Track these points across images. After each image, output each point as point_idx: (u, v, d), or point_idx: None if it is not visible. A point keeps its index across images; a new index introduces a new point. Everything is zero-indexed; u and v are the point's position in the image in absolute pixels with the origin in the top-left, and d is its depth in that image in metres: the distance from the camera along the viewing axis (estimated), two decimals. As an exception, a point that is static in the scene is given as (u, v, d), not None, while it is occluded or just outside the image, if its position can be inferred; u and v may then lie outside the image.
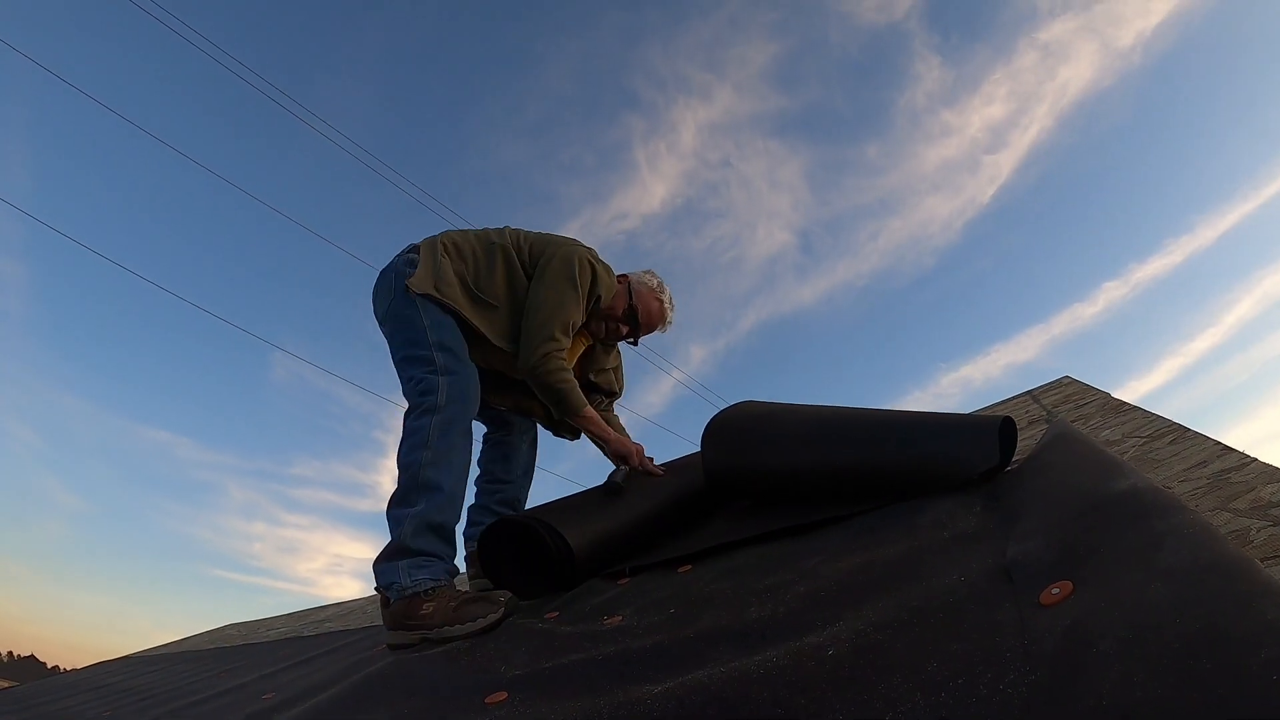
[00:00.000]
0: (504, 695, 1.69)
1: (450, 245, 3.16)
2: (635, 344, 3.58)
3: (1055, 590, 1.13)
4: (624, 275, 3.49)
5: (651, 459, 3.26)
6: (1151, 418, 2.71)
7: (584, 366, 3.54)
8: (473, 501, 3.50)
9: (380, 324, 3.12)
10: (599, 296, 3.23)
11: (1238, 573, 0.92)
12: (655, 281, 3.52)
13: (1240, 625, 0.81)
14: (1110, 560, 1.14)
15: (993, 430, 2.16)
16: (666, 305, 3.53)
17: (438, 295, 2.96)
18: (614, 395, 3.75)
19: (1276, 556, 1.22)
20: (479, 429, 3.57)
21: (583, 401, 3.12)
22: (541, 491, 3.68)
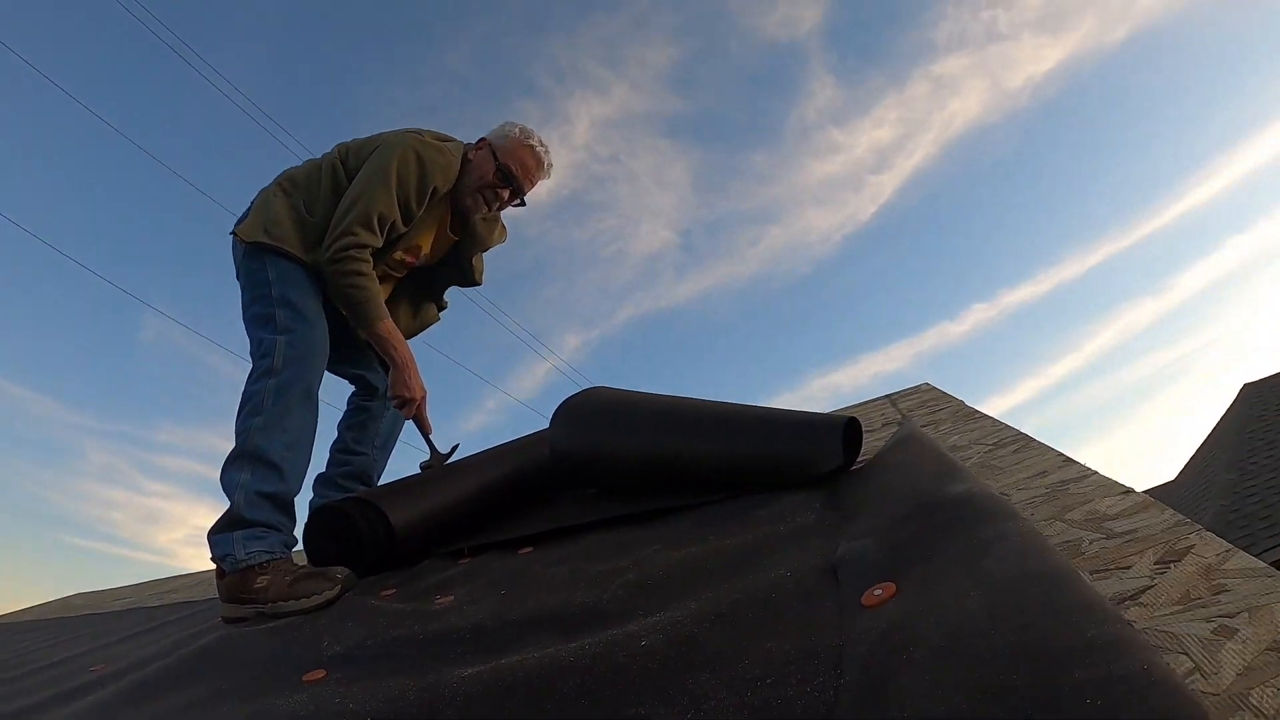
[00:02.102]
0: (322, 673, 1.66)
1: (287, 180, 2.96)
2: (523, 204, 3.18)
3: (878, 591, 1.11)
4: (482, 139, 3.11)
5: (428, 420, 3.08)
6: (999, 426, 2.75)
7: (467, 249, 3.21)
8: (321, 471, 3.27)
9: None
10: (434, 187, 2.89)
11: (1061, 584, 0.91)
12: (517, 130, 3.12)
13: (1056, 640, 0.78)
14: (936, 564, 1.12)
15: (837, 430, 2.17)
16: (538, 147, 3.11)
17: (267, 240, 2.77)
18: (472, 285, 3.38)
19: (1106, 570, 1.21)
20: (344, 388, 3.38)
21: (381, 313, 2.85)
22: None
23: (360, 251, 2.75)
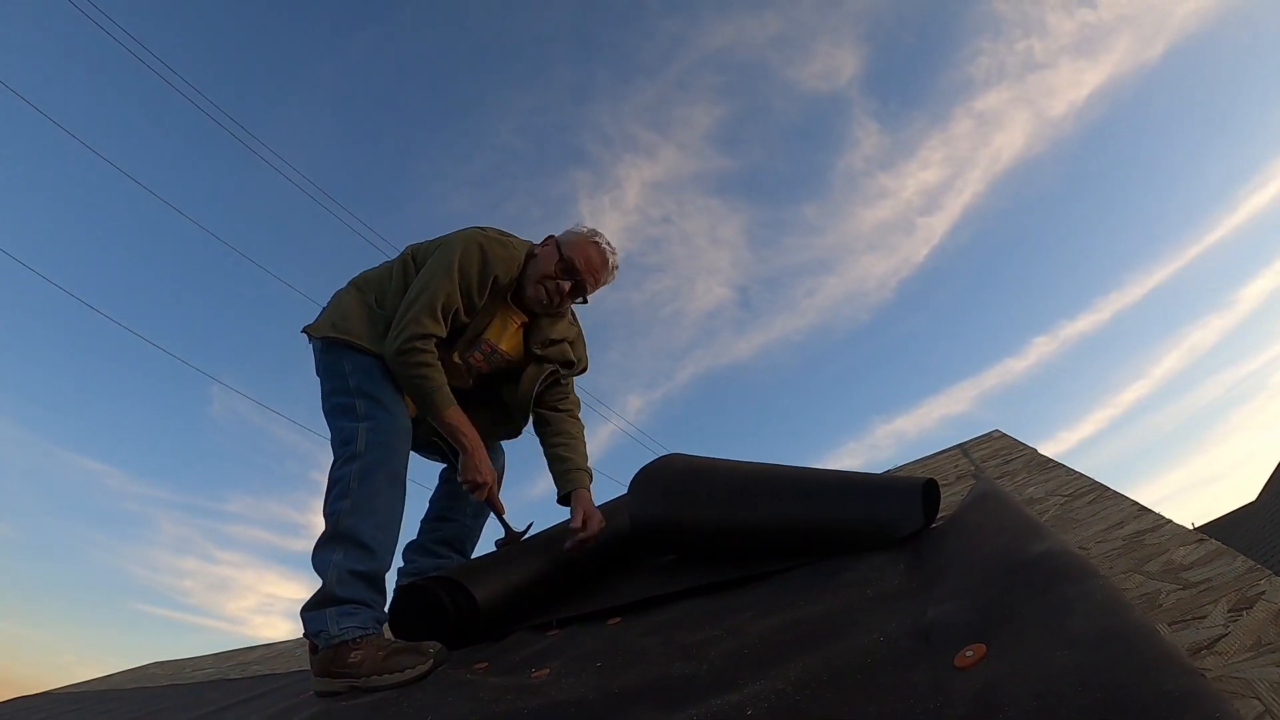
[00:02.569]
0: None
1: (360, 279, 3.11)
2: (585, 301, 3.25)
3: (970, 653, 1.15)
4: (549, 236, 3.22)
5: (499, 501, 3.12)
6: (1074, 476, 2.76)
7: (527, 341, 3.23)
8: (412, 539, 3.37)
9: None
10: (495, 276, 2.97)
11: (1140, 641, 0.95)
12: (586, 229, 3.22)
13: (1138, 695, 0.83)
14: (1023, 625, 1.16)
15: (916, 492, 2.22)
16: (605, 247, 3.19)
17: (334, 334, 2.90)
18: (571, 367, 3.40)
19: (1183, 620, 1.26)
20: (434, 466, 3.46)
21: (447, 400, 2.91)
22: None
23: (425, 341, 2.85)
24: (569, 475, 3.16)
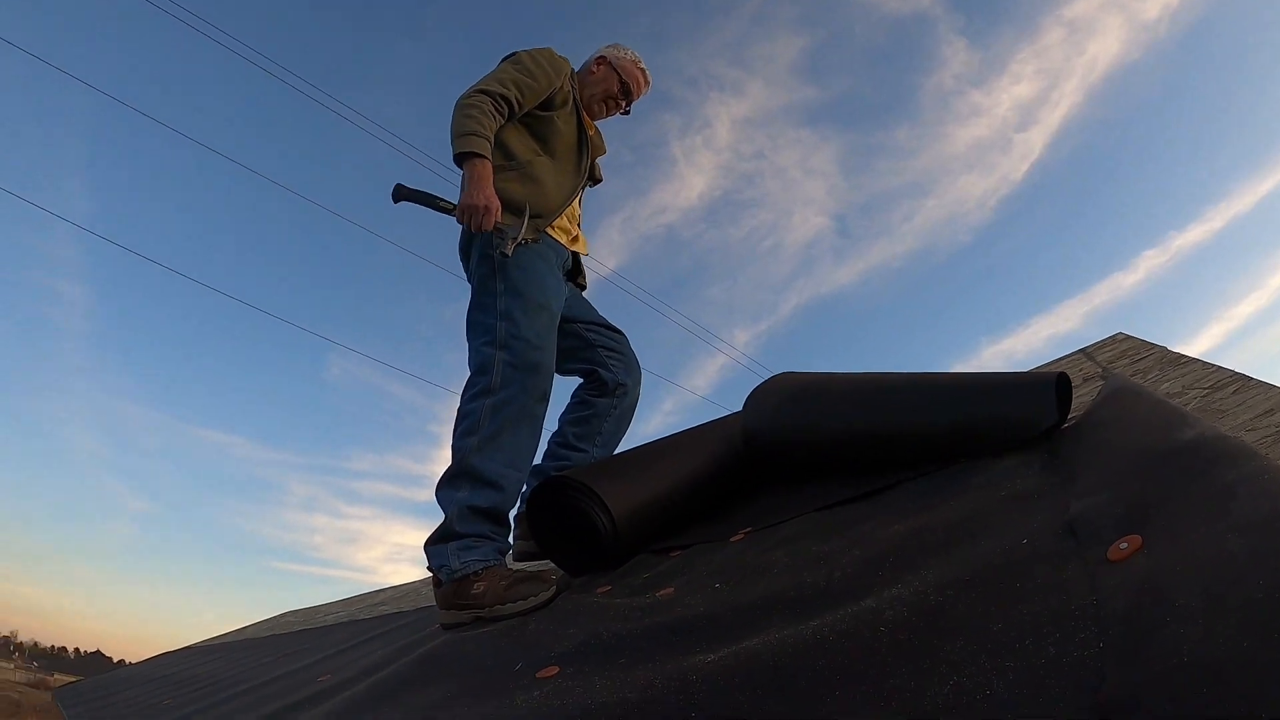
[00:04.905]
0: (555, 669, 1.68)
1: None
2: (628, 113, 3.58)
3: (1124, 545, 1.08)
4: (601, 56, 3.48)
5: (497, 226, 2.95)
6: (1211, 368, 2.63)
7: (594, 153, 3.41)
8: (538, 461, 3.21)
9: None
10: (569, 72, 3.25)
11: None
12: (630, 52, 3.53)
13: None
14: (1179, 513, 1.09)
15: (1049, 387, 2.10)
16: (645, 69, 3.54)
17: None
18: (598, 183, 3.60)
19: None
20: (571, 381, 3.40)
21: (483, 146, 2.85)
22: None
23: (488, 97, 2.93)
24: None
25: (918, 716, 0.91)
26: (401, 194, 2.93)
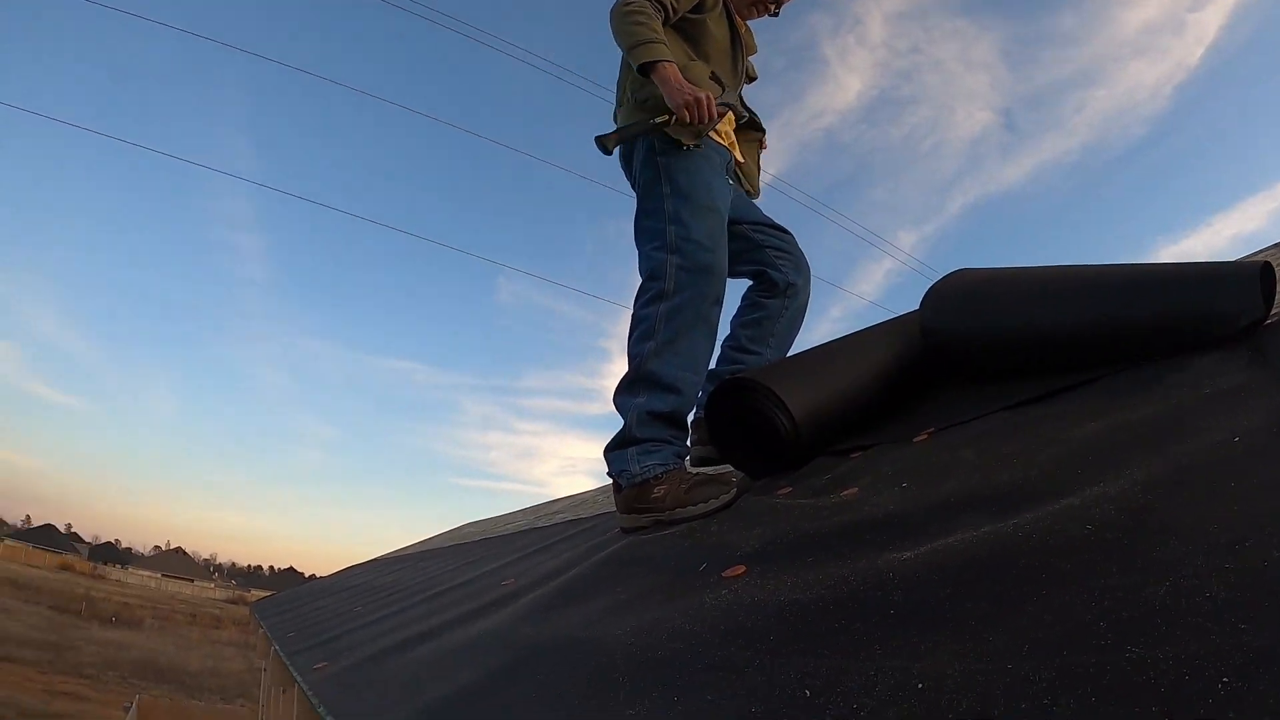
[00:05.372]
0: (741, 569, 1.68)
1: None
2: (777, 14, 3.42)
3: (1358, 443, 1.03)
4: None
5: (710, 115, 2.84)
6: None
7: (747, 52, 3.33)
8: (711, 366, 3.14)
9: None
10: None
11: None
12: None
13: None
14: None
15: (1253, 278, 1.97)
16: None
17: (640, 121, 2.84)
18: (753, 80, 3.51)
19: None
20: (742, 284, 3.35)
21: (661, 54, 2.77)
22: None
23: (641, 3, 2.83)
24: None
25: (1131, 618, 0.89)
26: (609, 140, 2.88)
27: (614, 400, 2.77)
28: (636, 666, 1.40)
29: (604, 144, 2.87)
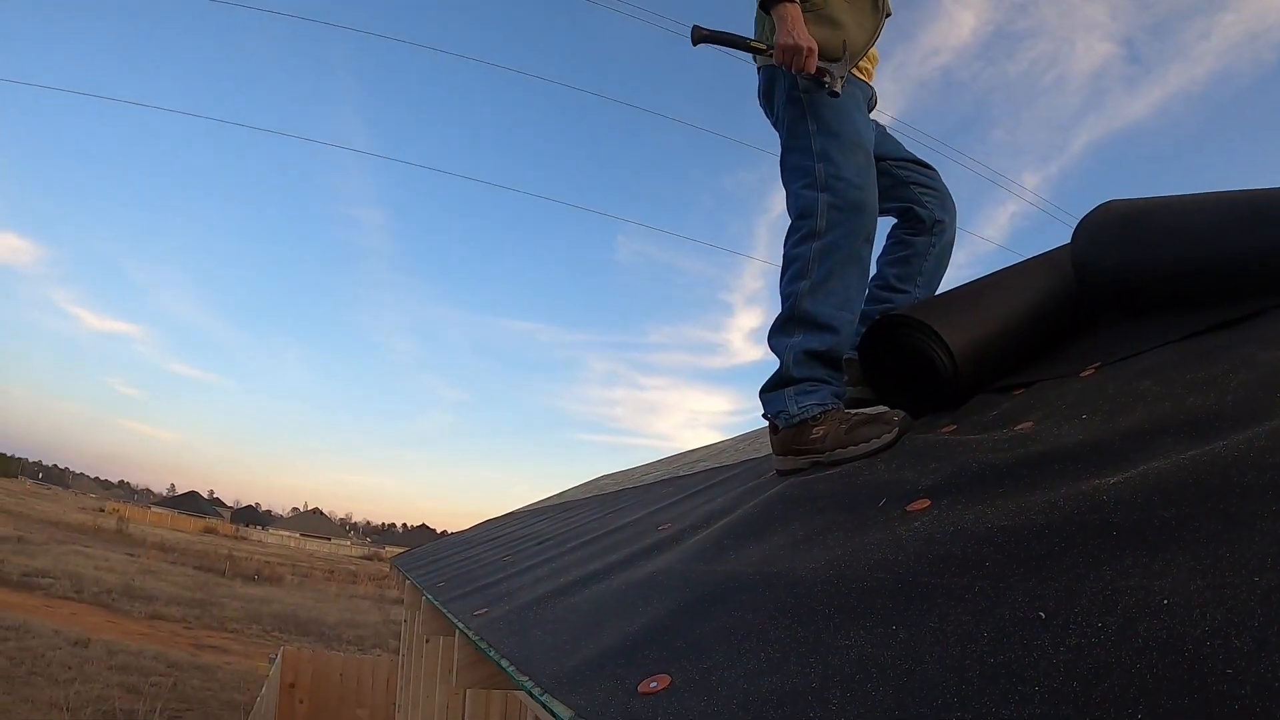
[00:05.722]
0: (926, 502, 1.66)
1: None
2: None
3: None
4: None
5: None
6: None
7: None
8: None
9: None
10: None
11: None
12: None
13: None
14: None
15: None
16: None
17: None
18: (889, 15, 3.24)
19: None
20: (886, 222, 3.31)
21: None
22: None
23: None
24: None
25: None
26: (701, 35, 2.88)
27: (769, 341, 2.80)
28: (841, 597, 1.38)
29: (696, 33, 2.87)
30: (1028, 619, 1.04)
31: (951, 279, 3.21)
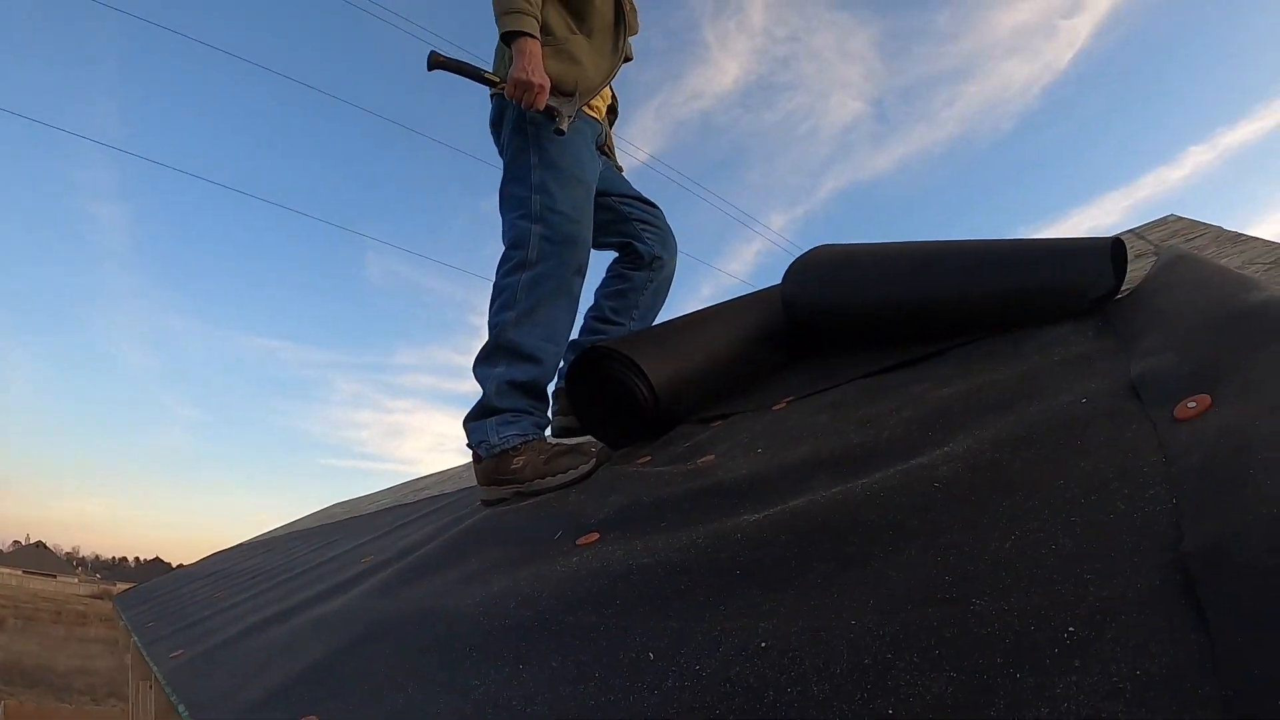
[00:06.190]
0: (595, 536, 1.70)
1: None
2: None
3: (1192, 404, 1.05)
4: None
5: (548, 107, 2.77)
6: (1273, 245, 2.53)
7: (629, 31, 3.14)
8: (574, 336, 3.13)
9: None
10: None
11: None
12: None
13: None
14: (1255, 371, 1.05)
15: (1103, 252, 2.01)
16: None
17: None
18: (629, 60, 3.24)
19: None
20: (607, 255, 3.32)
21: (531, 26, 2.68)
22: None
23: None
24: None
25: (976, 572, 0.88)
26: (437, 61, 2.82)
27: (473, 370, 2.72)
28: (484, 635, 1.40)
29: (433, 59, 2.83)
30: (638, 661, 1.04)
31: (697, 309, 3.22)
